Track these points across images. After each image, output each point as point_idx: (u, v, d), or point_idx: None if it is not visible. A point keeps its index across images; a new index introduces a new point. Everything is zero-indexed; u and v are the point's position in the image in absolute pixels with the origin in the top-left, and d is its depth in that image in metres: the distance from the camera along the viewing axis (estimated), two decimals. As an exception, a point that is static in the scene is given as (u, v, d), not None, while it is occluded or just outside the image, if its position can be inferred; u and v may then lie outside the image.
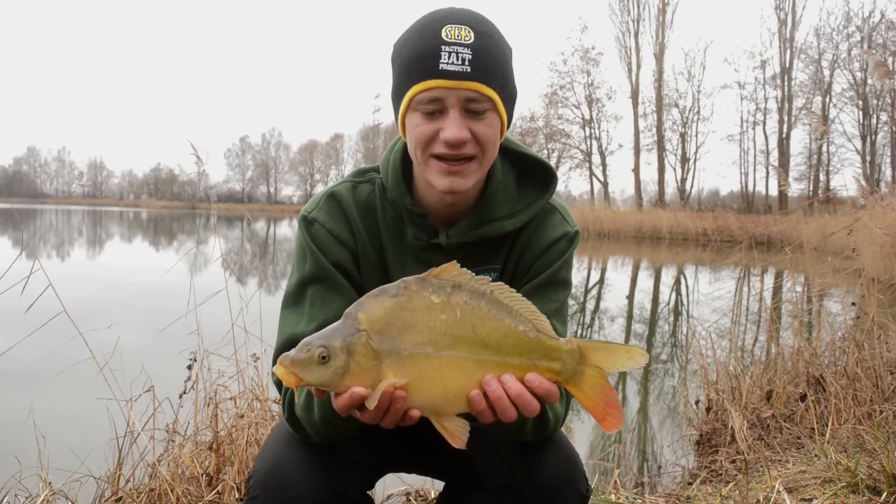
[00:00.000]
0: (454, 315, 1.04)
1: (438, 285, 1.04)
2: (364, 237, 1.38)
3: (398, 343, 1.02)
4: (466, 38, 1.20)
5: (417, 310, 1.03)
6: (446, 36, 1.19)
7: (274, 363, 1.33)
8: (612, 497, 2.65)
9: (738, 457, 3.06)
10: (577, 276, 14.41)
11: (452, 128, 1.20)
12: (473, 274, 1.06)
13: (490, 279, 1.06)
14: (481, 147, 1.24)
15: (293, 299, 1.35)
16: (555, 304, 1.37)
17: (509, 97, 1.29)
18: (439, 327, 1.03)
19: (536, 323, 1.08)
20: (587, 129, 41.07)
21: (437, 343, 1.03)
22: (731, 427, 3.24)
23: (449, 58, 1.18)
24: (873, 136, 35.02)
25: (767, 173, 40.27)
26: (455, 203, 1.34)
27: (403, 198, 1.35)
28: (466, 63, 1.19)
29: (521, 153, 1.42)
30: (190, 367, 2.57)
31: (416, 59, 1.21)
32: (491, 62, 1.21)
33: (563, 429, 1.39)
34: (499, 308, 1.06)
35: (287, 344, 1.30)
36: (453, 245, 1.35)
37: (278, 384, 1.32)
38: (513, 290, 1.08)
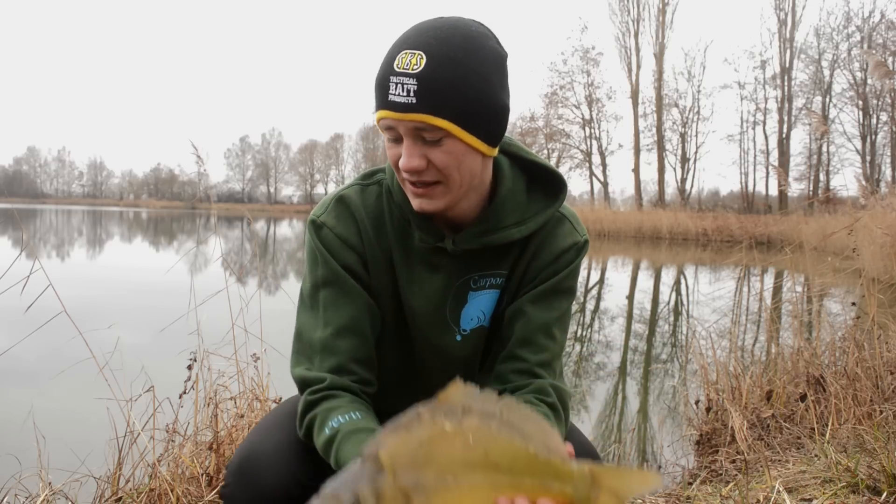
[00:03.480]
0: (467, 441, 1.04)
1: (449, 411, 1.04)
2: (372, 240, 1.38)
3: (422, 478, 1.02)
4: (415, 67, 1.15)
5: (434, 441, 1.01)
6: (397, 65, 1.16)
7: (293, 359, 1.37)
8: (612, 497, 2.64)
9: (738, 457, 3.06)
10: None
11: (404, 157, 1.20)
12: (478, 391, 1.06)
13: (498, 394, 1.07)
14: (441, 173, 1.22)
15: (309, 302, 1.38)
16: (557, 311, 1.37)
17: (476, 120, 1.20)
18: (455, 456, 1.03)
19: (548, 442, 1.08)
20: (587, 129, 41.11)
21: (455, 472, 1.03)
22: (731, 427, 3.23)
23: (395, 89, 1.16)
24: (873, 136, 35.03)
25: (767, 173, 40.32)
26: (453, 212, 1.33)
27: (408, 201, 1.34)
28: (411, 94, 1.15)
29: (530, 160, 1.40)
30: (190, 367, 2.57)
31: (376, 86, 1.21)
32: (440, 91, 1.15)
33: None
34: (510, 428, 1.06)
35: (306, 347, 1.34)
36: (459, 251, 1.35)
37: (301, 385, 1.33)
38: (522, 405, 1.07)
